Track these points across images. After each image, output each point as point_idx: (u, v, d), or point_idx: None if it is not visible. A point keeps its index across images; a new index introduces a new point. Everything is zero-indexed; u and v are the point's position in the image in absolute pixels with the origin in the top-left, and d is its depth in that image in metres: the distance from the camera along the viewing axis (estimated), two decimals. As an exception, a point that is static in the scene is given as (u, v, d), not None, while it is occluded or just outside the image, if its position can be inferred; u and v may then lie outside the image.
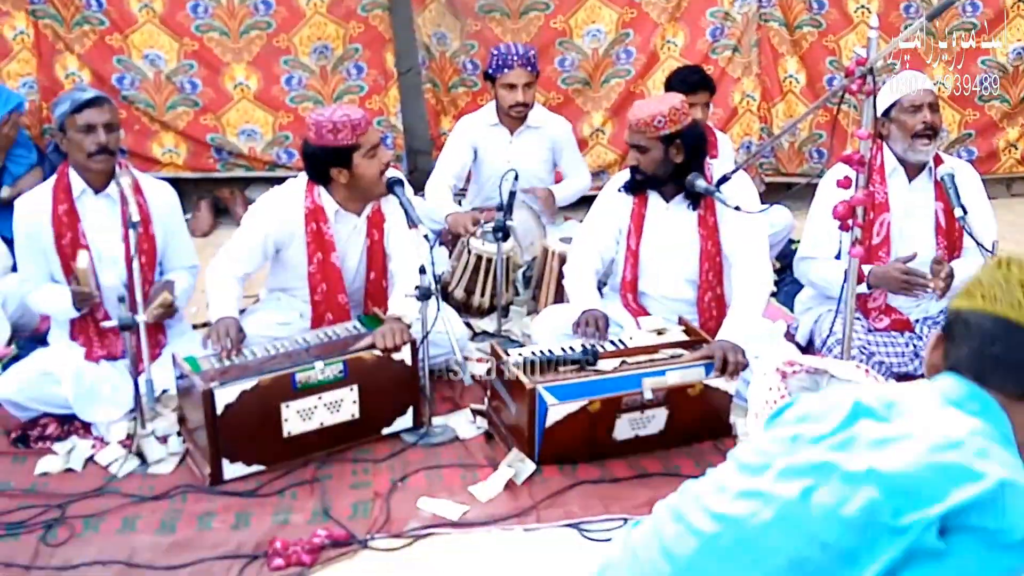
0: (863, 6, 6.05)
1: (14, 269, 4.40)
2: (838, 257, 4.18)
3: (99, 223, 3.98)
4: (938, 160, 4.17)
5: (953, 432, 1.49)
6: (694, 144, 3.95)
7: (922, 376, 3.98)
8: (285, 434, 3.56)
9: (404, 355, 3.72)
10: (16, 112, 5.08)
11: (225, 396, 3.41)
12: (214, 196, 6.31)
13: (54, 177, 4.00)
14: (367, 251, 4.09)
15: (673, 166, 3.93)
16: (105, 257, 3.99)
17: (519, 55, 5.03)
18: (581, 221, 5.35)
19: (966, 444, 1.47)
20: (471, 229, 4.82)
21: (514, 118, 5.18)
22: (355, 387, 3.65)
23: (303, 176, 4.02)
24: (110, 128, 3.87)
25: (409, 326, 3.78)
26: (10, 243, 4.28)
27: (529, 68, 5.06)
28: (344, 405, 3.65)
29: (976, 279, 1.61)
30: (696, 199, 3.97)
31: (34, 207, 3.96)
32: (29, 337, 4.46)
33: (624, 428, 3.57)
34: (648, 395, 3.51)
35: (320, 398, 3.59)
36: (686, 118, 3.91)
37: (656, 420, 3.60)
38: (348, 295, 4.08)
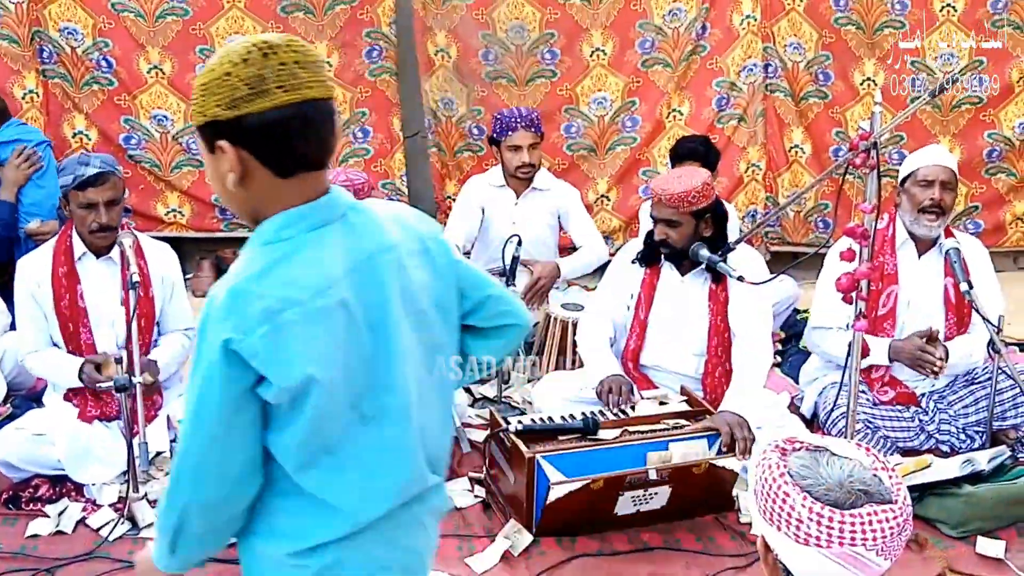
0: (868, 78, 6.07)
1: (12, 327, 4.37)
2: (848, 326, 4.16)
3: (98, 286, 3.98)
4: (948, 233, 4.15)
5: None
6: (723, 218, 3.97)
7: (927, 451, 3.95)
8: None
9: None
10: (28, 148, 4.99)
11: None
12: (216, 256, 6.31)
13: (56, 238, 4.00)
14: None
15: (701, 240, 3.92)
16: (103, 320, 3.98)
17: (522, 117, 5.05)
18: (586, 288, 5.34)
19: None
20: None
21: (520, 180, 5.18)
22: None
23: None
24: (112, 204, 3.88)
25: None
26: (10, 301, 4.27)
27: (533, 130, 5.08)
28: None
29: (256, 75, 1.63)
30: (717, 272, 3.93)
31: (35, 268, 3.96)
32: (25, 396, 4.42)
33: (626, 504, 3.51)
34: (652, 475, 3.46)
35: None
36: (714, 192, 3.93)
37: (659, 496, 3.54)
38: None
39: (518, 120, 5.04)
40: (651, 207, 3.98)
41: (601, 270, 4.39)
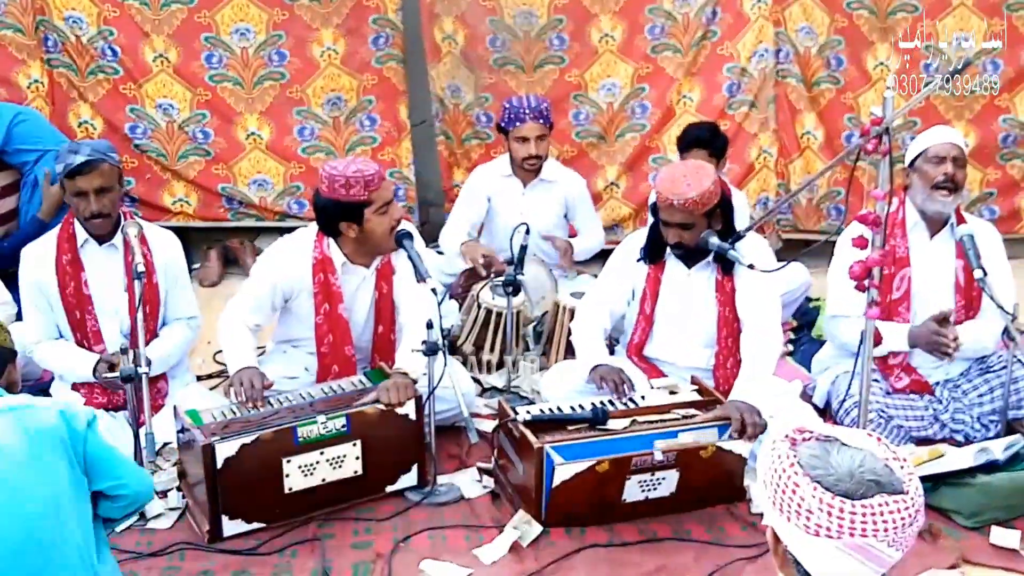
0: (881, 63, 6.01)
1: (19, 317, 4.36)
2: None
3: (102, 273, 3.98)
4: (960, 219, 4.11)
5: None
6: (730, 208, 3.93)
7: (942, 441, 3.93)
8: (286, 489, 3.49)
9: (408, 409, 3.64)
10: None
11: (225, 450, 3.33)
12: (224, 245, 6.30)
13: (59, 226, 3.99)
14: (375, 304, 4.04)
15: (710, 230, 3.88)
16: (107, 308, 3.98)
17: (531, 108, 5.00)
18: (595, 276, 5.31)
19: None
20: (480, 261, 4.78)
21: (527, 171, 5.15)
22: (358, 442, 3.57)
23: (313, 226, 3.97)
24: (104, 191, 3.85)
25: (415, 381, 3.72)
26: (15, 291, 4.26)
27: (542, 121, 5.03)
28: (347, 461, 3.57)
29: None
30: (727, 262, 3.89)
31: (40, 256, 3.97)
32: (32, 387, 4.41)
33: (634, 490, 3.48)
34: (659, 456, 3.43)
35: (322, 453, 3.51)
36: (720, 187, 3.88)
37: (667, 482, 3.51)
38: (355, 348, 4.02)
39: (526, 111, 4.99)
40: (660, 209, 3.90)
41: (605, 258, 4.36)
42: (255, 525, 3.48)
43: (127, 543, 3.42)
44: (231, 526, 3.44)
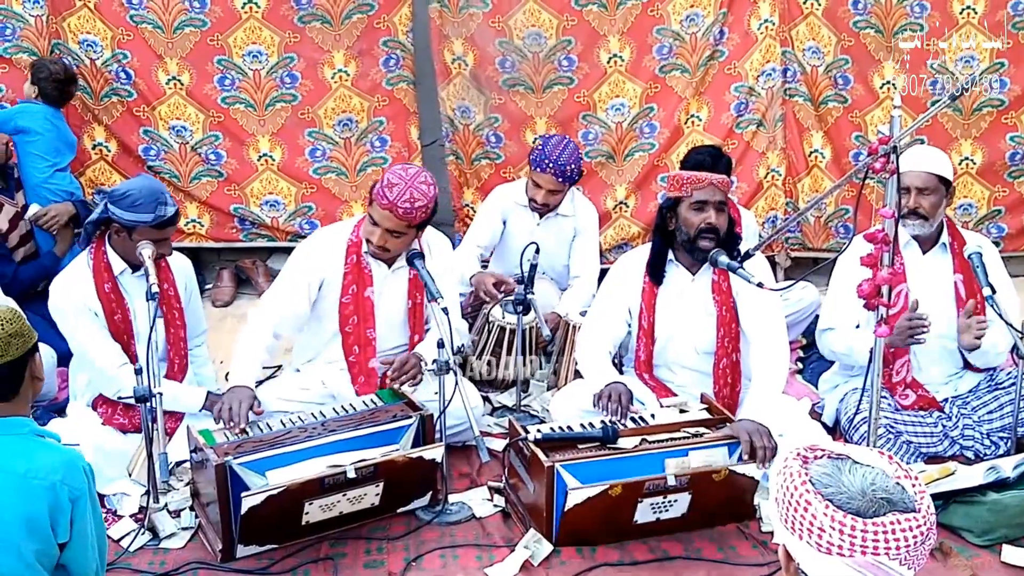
0: (888, 82, 6.03)
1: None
2: (857, 327, 4.16)
3: (138, 299, 4.01)
4: (954, 232, 4.18)
5: None
6: (736, 228, 4.10)
7: (951, 458, 3.92)
8: (303, 523, 3.49)
9: (436, 454, 3.62)
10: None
11: (251, 500, 3.28)
12: (236, 266, 6.32)
13: (88, 256, 4.00)
14: (409, 312, 4.18)
15: (719, 246, 3.94)
16: (143, 333, 3.98)
17: (554, 163, 4.93)
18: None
19: None
20: (492, 292, 4.79)
21: (534, 209, 5.18)
22: (381, 483, 3.55)
23: (358, 216, 4.18)
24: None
25: (421, 358, 4.01)
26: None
27: (561, 179, 4.98)
28: (367, 497, 3.57)
29: None
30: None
31: (77, 287, 3.95)
32: (47, 407, 4.44)
33: (646, 511, 3.49)
34: (672, 480, 3.43)
35: (345, 495, 3.49)
36: None
37: (679, 504, 3.52)
38: (379, 338, 4.15)
39: (549, 164, 4.95)
40: (694, 194, 3.94)
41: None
42: (267, 547, 3.49)
43: (140, 563, 3.44)
44: (245, 548, 3.45)
